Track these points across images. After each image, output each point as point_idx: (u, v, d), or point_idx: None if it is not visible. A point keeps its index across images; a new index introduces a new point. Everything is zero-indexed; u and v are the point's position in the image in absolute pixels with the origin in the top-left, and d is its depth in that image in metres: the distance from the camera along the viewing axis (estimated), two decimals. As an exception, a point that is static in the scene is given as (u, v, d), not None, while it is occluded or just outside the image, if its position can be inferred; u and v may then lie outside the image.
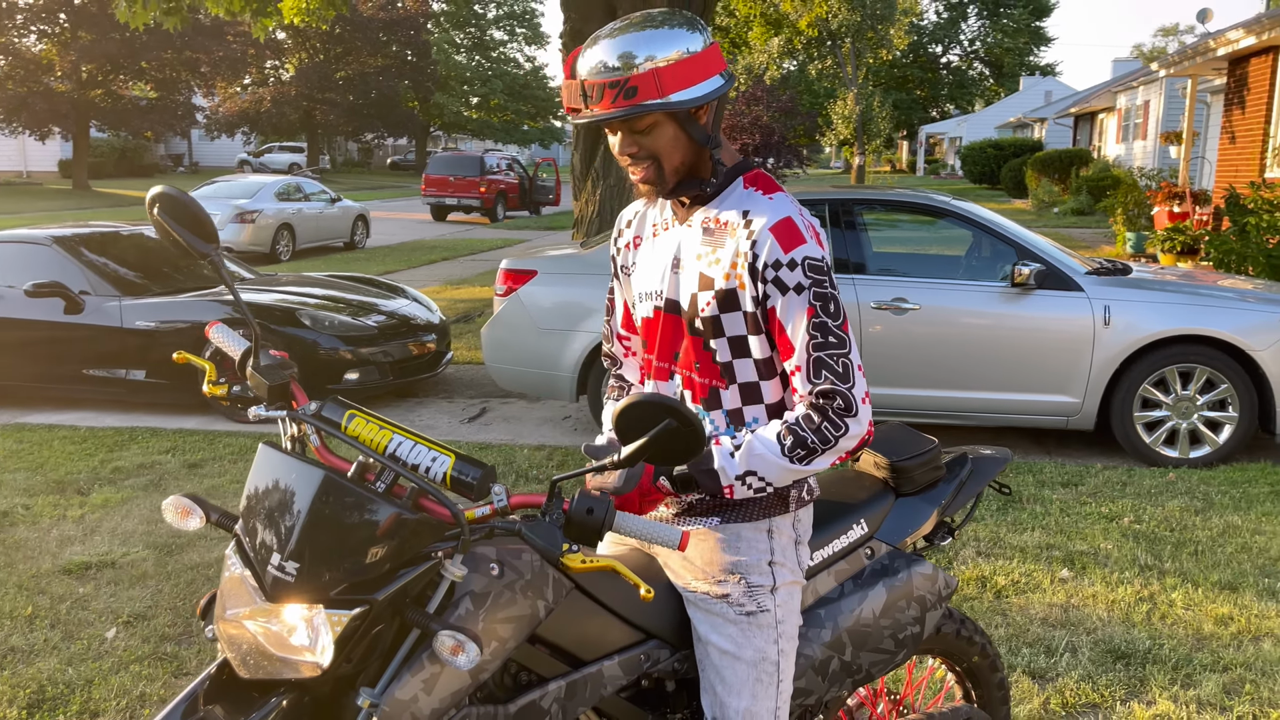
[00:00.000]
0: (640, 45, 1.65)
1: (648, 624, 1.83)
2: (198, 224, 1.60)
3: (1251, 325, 5.55)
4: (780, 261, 1.71)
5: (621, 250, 2.00)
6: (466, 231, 23.26)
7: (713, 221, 1.80)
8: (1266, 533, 4.58)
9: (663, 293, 1.85)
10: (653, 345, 1.89)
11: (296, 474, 1.50)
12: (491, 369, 6.56)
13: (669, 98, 1.65)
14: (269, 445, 1.57)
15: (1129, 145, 25.16)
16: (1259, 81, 13.29)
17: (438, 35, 53.12)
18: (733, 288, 1.75)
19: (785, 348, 1.74)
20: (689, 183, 1.79)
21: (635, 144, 1.72)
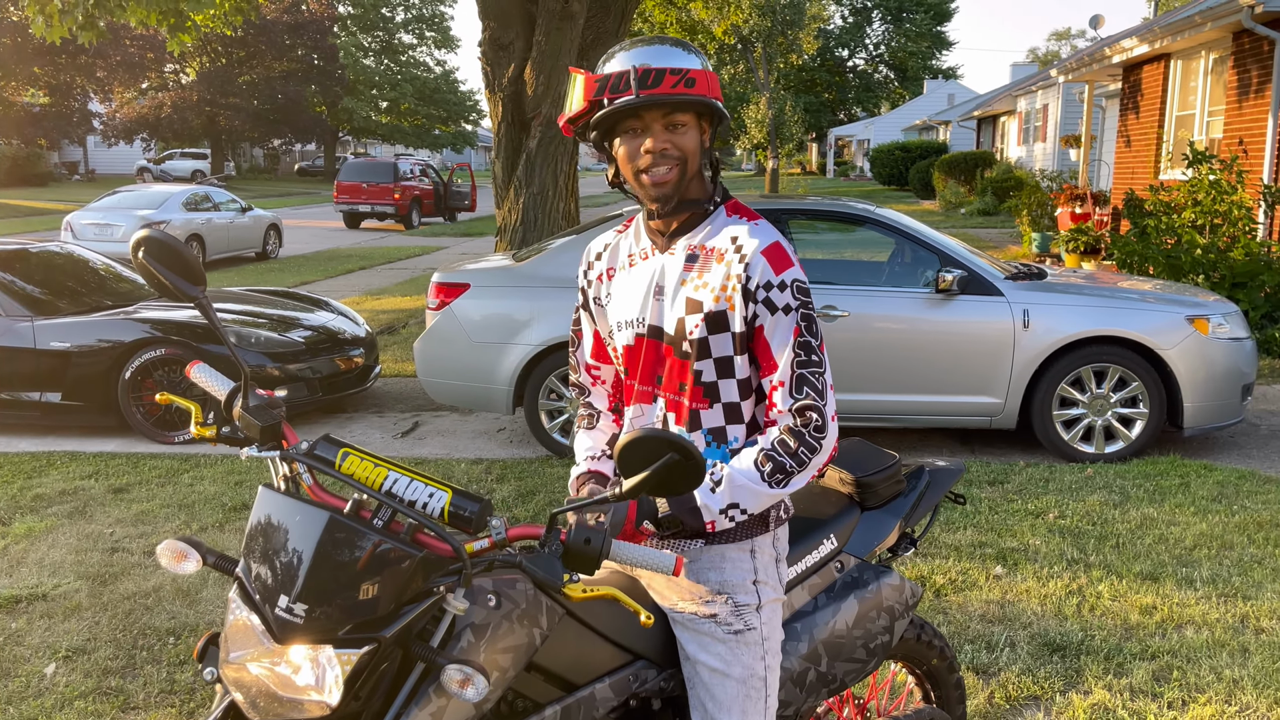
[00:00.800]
0: (686, 53, 1.79)
1: (636, 645, 1.88)
2: (185, 267, 1.60)
3: (1159, 325, 5.83)
4: (771, 283, 1.79)
5: (593, 282, 2.04)
6: (382, 239, 22.95)
7: (698, 249, 1.87)
8: (1180, 524, 4.84)
9: (644, 319, 1.90)
10: (634, 371, 1.94)
11: (300, 515, 1.51)
12: (425, 383, 6.52)
13: (717, 103, 1.79)
14: (268, 488, 1.57)
15: (1030, 147, 26.07)
16: (1152, 87, 13.92)
17: (345, 39, 52.18)
18: (722, 310, 1.82)
19: (768, 364, 1.81)
20: (689, 202, 1.86)
21: (670, 141, 1.79)
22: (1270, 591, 4.06)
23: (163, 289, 1.61)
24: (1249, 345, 6.03)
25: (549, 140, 10.71)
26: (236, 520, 5.09)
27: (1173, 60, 13.31)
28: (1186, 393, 5.82)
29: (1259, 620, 3.82)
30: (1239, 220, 9.40)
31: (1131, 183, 14.38)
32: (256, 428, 1.66)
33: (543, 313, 6.16)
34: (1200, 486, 5.36)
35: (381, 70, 54.42)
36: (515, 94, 10.81)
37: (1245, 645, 3.62)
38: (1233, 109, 11.36)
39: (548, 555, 1.58)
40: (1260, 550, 4.49)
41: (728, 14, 14.13)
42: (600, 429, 2.11)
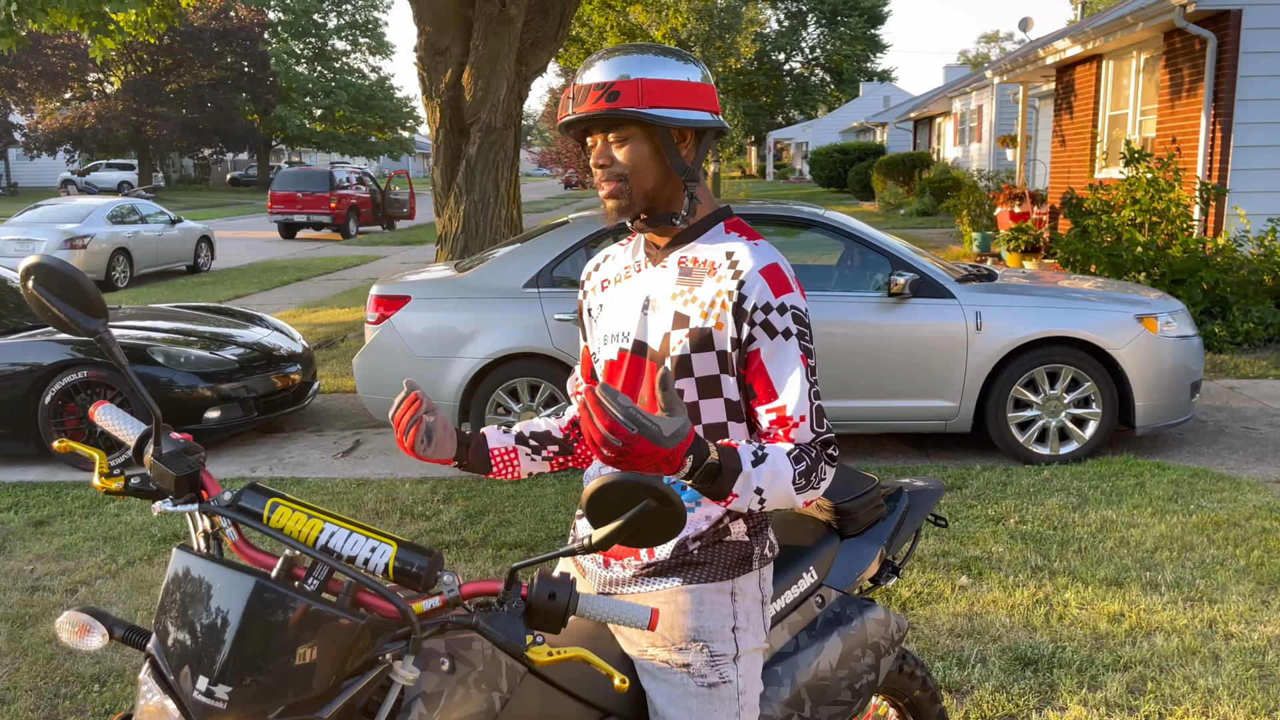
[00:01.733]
0: (633, 63, 1.68)
1: (604, 701, 1.71)
2: (81, 296, 1.40)
3: (1109, 325, 5.82)
4: (770, 305, 1.66)
5: (589, 294, 1.93)
6: (318, 249, 22.47)
7: (690, 261, 1.75)
8: (1139, 525, 4.80)
9: (630, 334, 1.78)
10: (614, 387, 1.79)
11: (221, 582, 1.31)
12: (366, 400, 6.27)
13: (647, 110, 1.65)
14: (184, 550, 1.38)
15: (966, 148, 26.39)
16: (1085, 88, 14.11)
17: (276, 45, 51.20)
18: (708, 327, 1.69)
19: (766, 393, 1.67)
20: (661, 215, 1.74)
21: (607, 156, 1.70)
22: (1235, 594, 4.02)
23: (57, 323, 1.41)
24: (1196, 343, 6.04)
25: (489, 146, 10.50)
26: (165, 552, 4.82)
27: (1105, 60, 13.50)
28: (1138, 392, 5.81)
29: (1227, 625, 3.76)
30: (1177, 218, 9.52)
31: (1068, 181, 14.56)
32: (171, 478, 1.46)
33: (488, 324, 5.96)
34: (1155, 486, 5.34)
35: (314, 77, 53.52)
36: (453, 99, 10.58)
37: (1216, 652, 3.56)
38: (1165, 108, 11.53)
39: (507, 614, 1.41)
40: (1220, 551, 4.46)
41: (667, 17, 14.04)
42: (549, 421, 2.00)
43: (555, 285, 6.04)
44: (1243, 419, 6.81)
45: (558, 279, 6.06)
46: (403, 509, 5.43)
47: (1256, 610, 3.88)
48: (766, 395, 1.67)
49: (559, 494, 5.54)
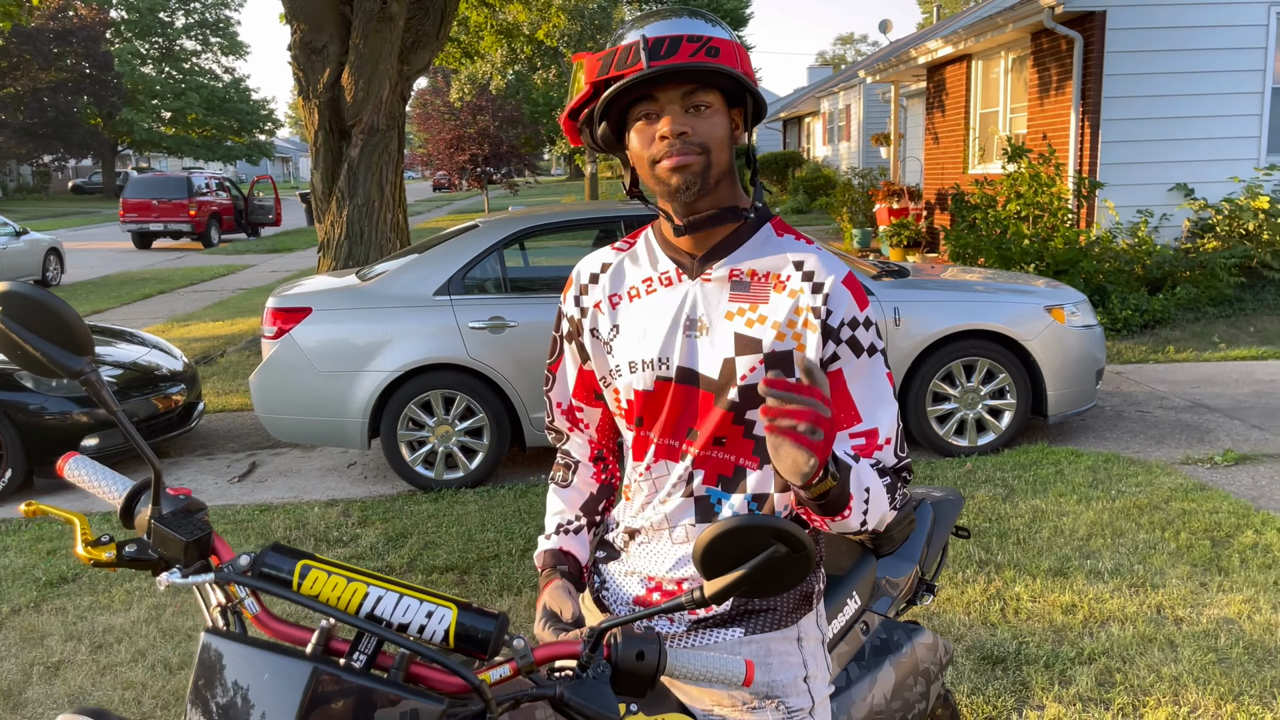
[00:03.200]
0: (708, 23, 1.45)
1: (667, 762, 1.53)
2: (64, 332, 1.14)
3: (1020, 316, 5.92)
4: (857, 320, 1.47)
5: (589, 311, 1.64)
6: (179, 259, 21.33)
7: (746, 274, 1.52)
8: (1069, 513, 4.87)
9: (671, 361, 1.52)
10: (653, 422, 1.56)
11: (268, 670, 1.08)
12: (264, 419, 5.87)
13: (744, 76, 1.44)
14: (213, 634, 1.13)
15: (835, 147, 27.01)
16: (956, 86, 14.55)
17: (120, 46, 48.50)
18: (788, 350, 1.47)
19: (848, 415, 1.48)
20: (727, 210, 1.50)
21: (689, 124, 1.44)
22: (1174, 578, 4.10)
23: (32, 364, 1.14)
24: (1098, 331, 6.22)
25: (372, 148, 10.08)
26: (54, 598, 4.36)
27: (974, 60, 13.94)
28: (1049, 381, 5.94)
29: (1174, 610, 3.83)
30: (1058, 210, 9.87)
31: (942, 178, 15.00)
32: (178, 544, 1.20)
33: (398, 335, 5.65)
34: (1074, 473, 5.45)
35: (163, 79, 50.97)
36: (333, 100, 10.11)
37: (1171, 638, 3.61)
38: (1035, 106, 11.97)
39: (593, 681, 1.21)
40: (1150, 535, 4.56)
41: (549, 16, 13.81)
42: (575, 487, 1.72)
43: (468, 292, 5.77)
44: (1136, 403, 7.07)
45: (470, 285, 5.80)
46: (316, 535, 5.08)
47: (1197, 593, 3.96)
48: (849, 418, 1.48)
49: (483, 511, 5.29)
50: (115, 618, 4.15)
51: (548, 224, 5.99)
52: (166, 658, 3.77)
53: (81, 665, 3.75)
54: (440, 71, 29.11)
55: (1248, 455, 5.72)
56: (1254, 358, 8.26)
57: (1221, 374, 7.79)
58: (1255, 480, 5.32)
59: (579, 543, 1.67)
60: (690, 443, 1.53)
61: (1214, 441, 6.05)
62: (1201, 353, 8.44)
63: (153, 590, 4.41)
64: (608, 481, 1.74)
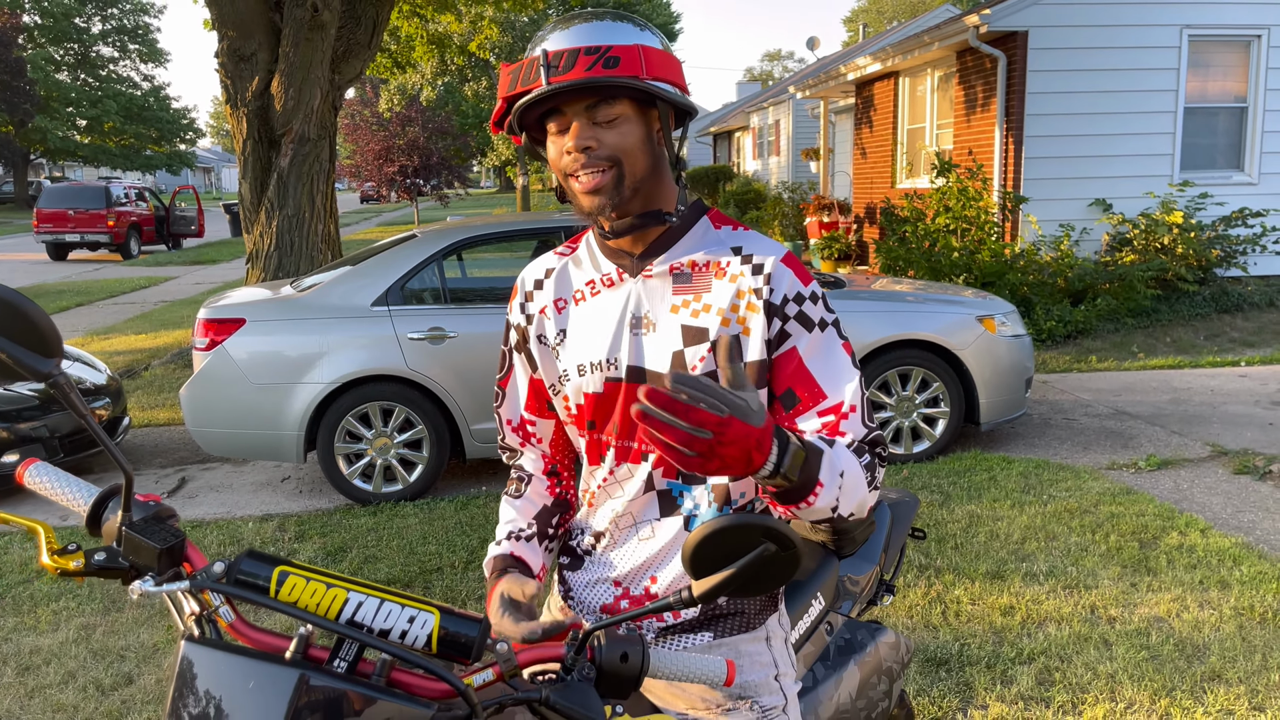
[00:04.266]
0: (625, 29, 1.43)
1: (642, 764, 1.53)
2: (33, 333, 1.10)
3: (953, 326, 6.06)
4: (802, 295, 1.47)
5: (534, 318, 1.63)
6: (96, 271, 20.70)
7: (686, 265, 1.51)
8: (1004, 518, 4.99)
9: (620, 360, 1.52)
10: (606, 424, 1.55)
11: (251, 678, 1.05)
12: (195, 433, 5.72)
13: (651, 82, 1.41)
14: (194, 641, 1.10)
15: (765, 161, 27.35)
16: (884, 103, 14.86)
17: (33, 52, 46.96)
18: (734, 335, 1.45)
19: (812, 394, 1.46)
20: (651, 213, 1.50)
21: (596, 138, 1.42)
22: (1105, 579, 4.22)
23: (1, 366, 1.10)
24: (1027, 341, 6.39)
25: (303, 158, 9.93)
26: (-23, 620, 4.19)
27: (901, 77, 14.26)
28: (981, 390, 6.08)
29: (1107, 609, 3.94)
30: (985, 224, 10.12)
31: (871, 192, 15.29)
32: (151, 551, 1.17)
33: (334, 346, 5.56)
34: (1006, 479, 5.59)
35: (78, 86, 49.43)
36: (262, 109, 9.94)
37: (1105, 637, 3.71)
38: (961, 122, 12.28)
39: (578, 684, 1.21)
40: (1081, 538, 4.69)
41: (481, 28, 13.74)
42: (528, 497, 1.68)
43: (407, 302, 5.71)
44: (1061, 411, 7.28)
45: (409, 295, 5.73)
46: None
47: (1128, 593, 4.09)
48: (813, 396, 1.46)
49: (424, 524, 5.23)
50: (42, 639, 4.00)
51: (487, 234, 5.96)
52: (99, 679, 3.64)
53: (8, 688, 3.61)
54: (369, 82, 28.77)
55: (1169, 460, 5.93)
56: (1171, 366, 8.57)
57: (1141, 382, 8.06)
58: (1177, 484, 5.51)
59: (531, 550, 1.63)
60: (646, 441, 1.52)
61: (1137, 447, 6.25)
62: (1122, 362, 8.72)
63: (81, 610, 4.26)
64: (561, 497, 1.71)
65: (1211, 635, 3.70)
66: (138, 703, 3.48)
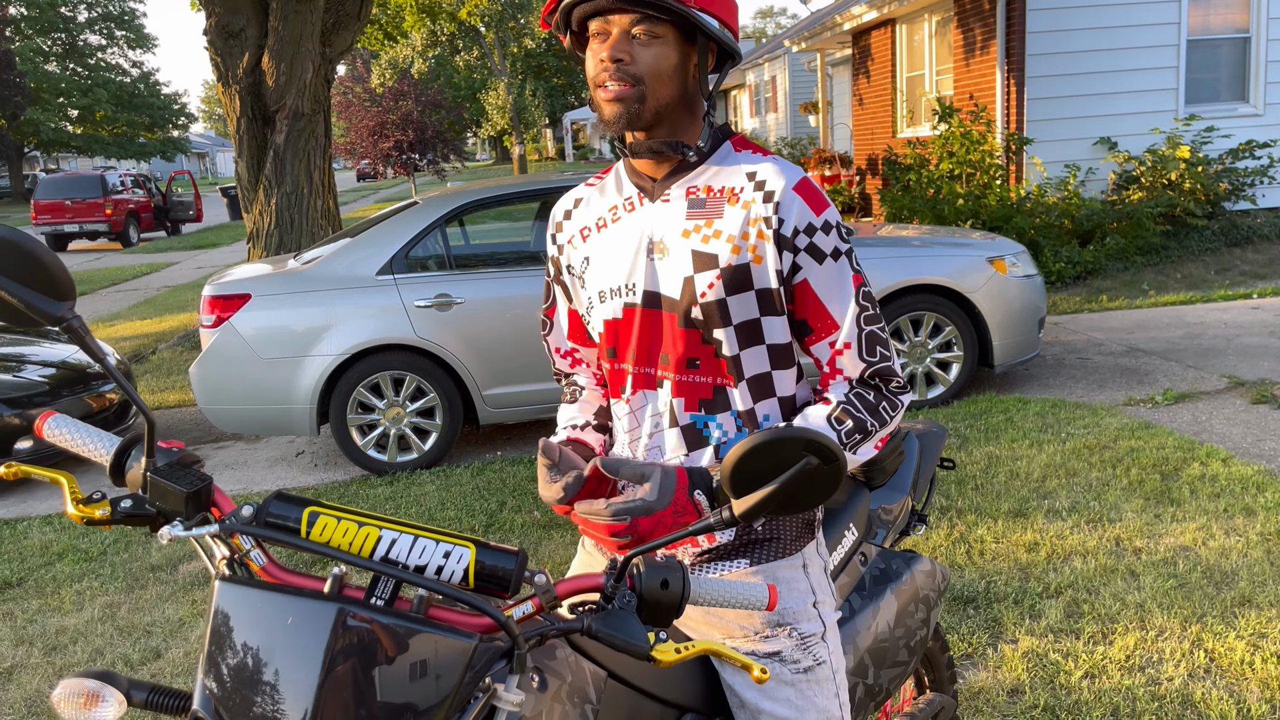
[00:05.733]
0: None
1: (680, 698, 1.51)
2: (45, 276, 1.07)
3: (964, 269, 6.00)
4: (814, 225, 1.44)
5: (564, 248, 1.63)
6: (97, 260, 20.67)
7: (702, 190, 1.49)
8: (1023, 457, 4.96)
9: (636, 285, 1.51)
10: (625, 351, 1.54)
11: (290, 614, 1.03)
12: (206, 411, 5.71)
13: (697, 12, 1.39)
14: (229, 582, 1.08)
15: (763, 118, 27.12)
16: (881, 51, 14.68)
17: (20, 44, 46.63)
18: (744, 263, 1.44)
19: (822, 324, 1.46)
20: (670, 143, 1.47)
21: (630, 52, 1.40)
22: (1129, 511, 4.20)
23: (10, 314, 1.07)
24: (1039, 280, 6.33)
25: (298, 134, 9.84)
26: (0, 603, 4.20)
27: (899, 24, 14.08)
28: (994, 332, 6.03)
29: (1132, 541, 3.92)
30: (990, 168, 10.02)
31: (872, 143, 15.14)
32: (178, 496, 1.14)
33: (341, 317, 5.53)
34: (1023, 419, 5.56)
35: (68, 76, 49.15)
36: (254, 86, 9.84)
37: (1132, 568, 3.69)
38: (961, 66, 12.13)
39: (620, 612, 1.18)
40: (1102, 473, 4.66)
41: (470, -6, 13.63)
42: (585, 400, 1.69)
43: (412, 270, 5.67)
44: (1075, 351, 7.23)
45: (414, 263, 5.69)
46: (271, 524, 4.96)
47: (1152, 524, 4.06)
48: (825, 328, 1.46)
49: (441, 490, 5.22)
50: (67, 619, 4.00)
51: (489, 198, 5.90)
52: (126, 654, 3.65)
53: (36, 668, 3.61)
54: (360, 57, 28.53)
55: (1186, 394, 5.89)
56: (1183, 302, 8.50)
57: (1153, 319, 8.00)
58: (1195, 416, 5.48)
59: (588, 435, 1.64)
60: (665, 368, 1.51)
61: (1153, 383, 6.21)
62: (1133, 300, 8.66)
63: (104, 589, 4.27)
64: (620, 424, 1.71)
65: (1239, 561, 3.68)
66: (167, 676, 3.48)
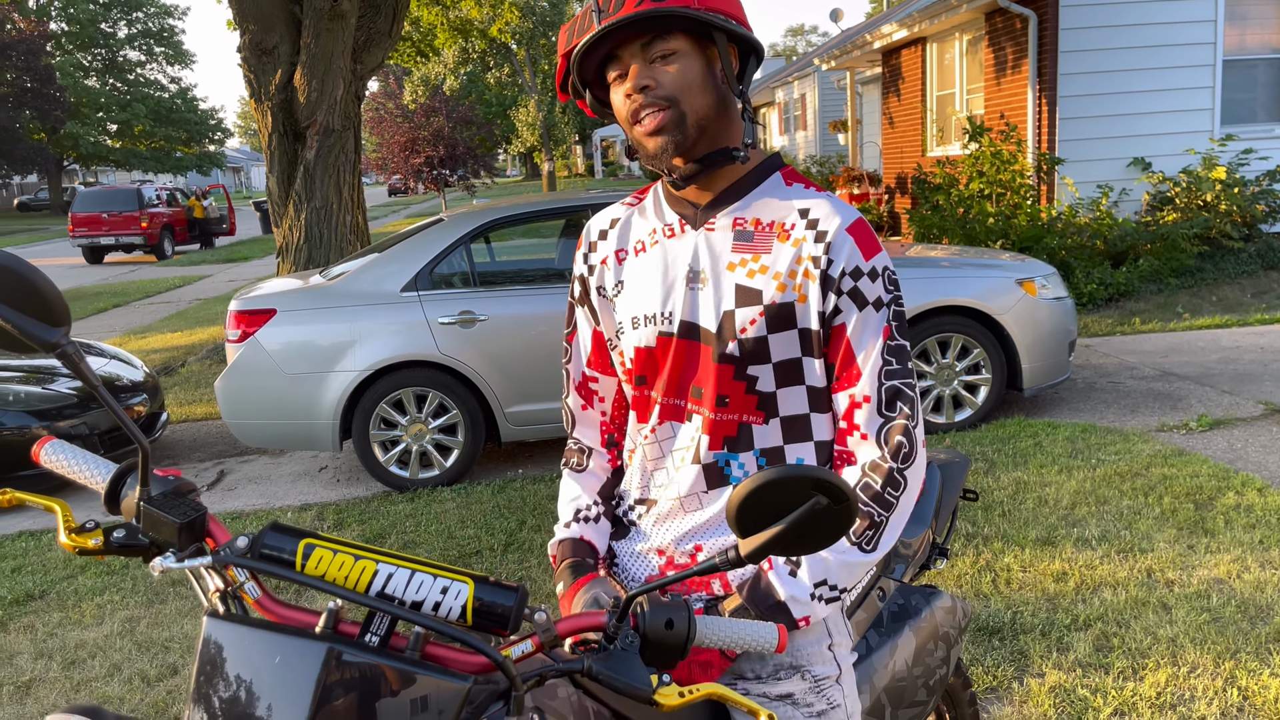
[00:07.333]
0: None
1: (689, 738, 1.46)
2: (39, 302, 1.05)
3: (992, 290, 5.92)
4: (860, 270, 1.39)
5: (597, 268, 1.58)
6: (132, 272, 20.92)
7: (750, 223, 1.44)
8: (1052, 484, 4.87)
9: (674, 315, 1.46)
10: (655, 380, 1.50)
11: (278, 653, 1.00)
12: (231, 425, 5.73)
13: (703, 11, 1.35)
14: (217, 618, 1.05)
15: (792, 135, 27.08)
16: (912, 70, 14.62)
17: (61, 58, 47.51)
18: (789, 301, 1.40)
19: (848, 374, 1.41)
20: (718, 153, 1.42)
21: (652, 77, 1.37)
22: (1161, 541, 4.10)
23: (3, 339, 1.05)
24: (1069, 303, 6.23)
25: (328, 149, 9.92)
26: (21, 616, 4.21)
27: (929, 43, 14.01)
28: (1024, 354, 5.94)
29: (1165, 573, 3.82)
30: (1020, 188, 9.92)
31: (901, 162, 15.06)
32: (172, 526, 1.12)
33: (365, 334, 5.54)
34: (1052, 444, 5.46)
35: (107, 91, 50.00)
36: (285, 102, 9.94)
37: (1164, 601, 3.60)
38: (991, 85, 12.04)
39: (622, 653, 1.14)
40: (1134, 501, 4.56)
41: (501, 13, 13.70)
42: (592, 471, 1.63)
43: (436, 287, 5.67)
44: (1106, 374, 7.11)
45: (438, 280, 5.69)
46: (291, 540, 4.95)
47: (1185, 555, 3.96)
48: (850, 378, 1.41)
49: (461, 508, 5.20)
50: (87, 633, 4.01)
51: (514, 215, 5.90)
52: (144, 670, 3.64)
53: (54, 682, 3.62)
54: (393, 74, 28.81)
55: (1221, 420, 5.77)
56: (1218, 325, 8.35)
57: (1188, 343, 7.86)
58: (1231, 444, 5.36)
59: (598, 533, 1.59)
60: (696, 402, 1.46)
61: (1187, 408, 6.09)
62: (1167, 323, 8.52)
63: (125, 603, 4.27)
64: (621, 467, 1.66)
65: (1275, 595, 3.57)
66: (183, 693, 3.47)
